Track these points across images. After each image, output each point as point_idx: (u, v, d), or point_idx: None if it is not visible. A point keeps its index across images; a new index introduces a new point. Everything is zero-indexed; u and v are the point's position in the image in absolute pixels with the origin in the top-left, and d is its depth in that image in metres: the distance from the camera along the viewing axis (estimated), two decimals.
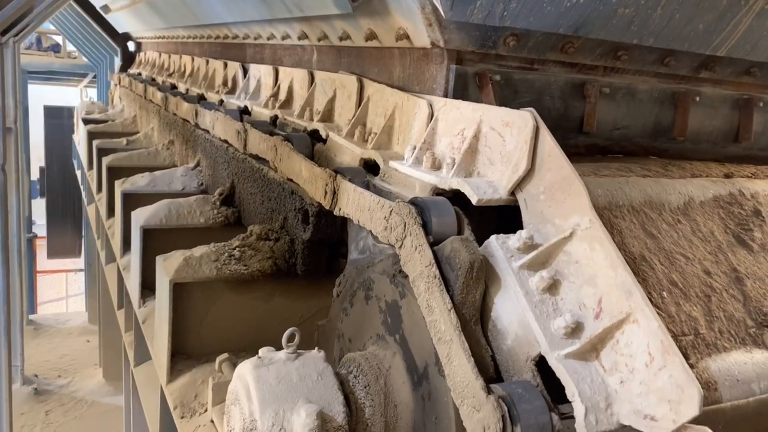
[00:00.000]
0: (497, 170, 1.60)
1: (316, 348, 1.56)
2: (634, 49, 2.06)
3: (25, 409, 9.04)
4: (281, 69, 3.33)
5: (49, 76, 17.56)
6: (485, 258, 1.40)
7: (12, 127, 7.27)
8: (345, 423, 1.43)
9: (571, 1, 1.78)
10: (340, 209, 1.89)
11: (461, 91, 1.93)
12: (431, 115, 1.89)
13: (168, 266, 2.32)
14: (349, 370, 1.60)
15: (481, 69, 1.95)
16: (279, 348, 1.52)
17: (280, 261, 2.34)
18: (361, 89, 2.38)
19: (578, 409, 1.19)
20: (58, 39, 16.93)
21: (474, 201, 1.53)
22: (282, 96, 3.19)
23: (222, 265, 2.32)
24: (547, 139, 1.49)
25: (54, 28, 14.36)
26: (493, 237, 1.43)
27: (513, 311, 1.35)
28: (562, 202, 1.42)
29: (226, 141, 3.18)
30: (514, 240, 1.41)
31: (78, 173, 8.76)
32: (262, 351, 1.53)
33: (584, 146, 2.24)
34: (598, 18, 1.87)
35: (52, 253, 16.24)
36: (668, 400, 1.13)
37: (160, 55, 7.04)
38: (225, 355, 2.18)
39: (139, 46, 8.71)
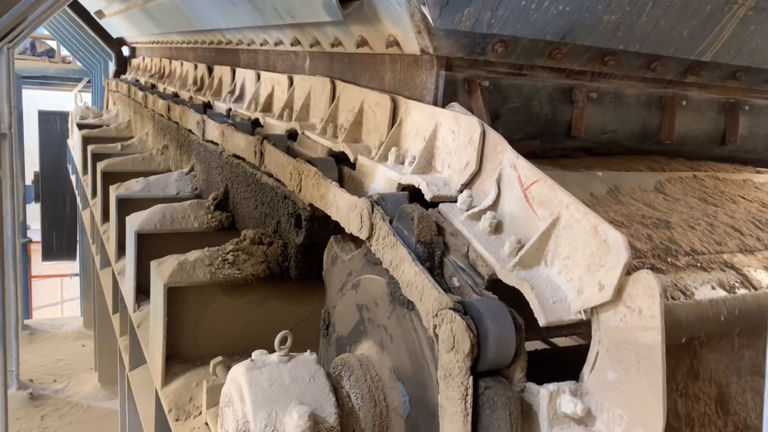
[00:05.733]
0: (371, 138, 2.20)
1: (308, 350, 1.59)
2: (620, 54, 2.09)
3: (20, 414, 9.02)
4: (237, 69, 3.91)
5: (43, 81, 17.52)
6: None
7: (6, 132, 7.27)
8: (337, 424, 1.46)
9: (557, 8, 1.82)
10: (265, 166, 2.47)
11: (451, 96, 1.95)
12: (333, 93, 2.51)
13: (162, 271, 2.35)
14: (341, 371, 1.62)
15: (470, 75, 1.98)
16: (272, 351, 1.55)
17: (273, 265, 2.37)
18: (291, 84, 3.01)
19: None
20: (53, 44, 16.89)
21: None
22: (236, 92, 3.81)
23: (216, 270, 2.34)
24: None
25: (48, 33, 14.34)
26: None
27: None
28: None
29: (190, 131, 3.72)
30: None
31: (73, 178, 8.76)
32: (255, 354, 1.55)
33: (572, 150, 2.28)
34: (584, 24, 1.90)
35: (47, 256, 16.21)
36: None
37: (143, 59, 7.34)
38: (219, 359, 2.20)
39: (133, 51, 8.72)
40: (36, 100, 17.87)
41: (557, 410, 1.19)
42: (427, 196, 1.65)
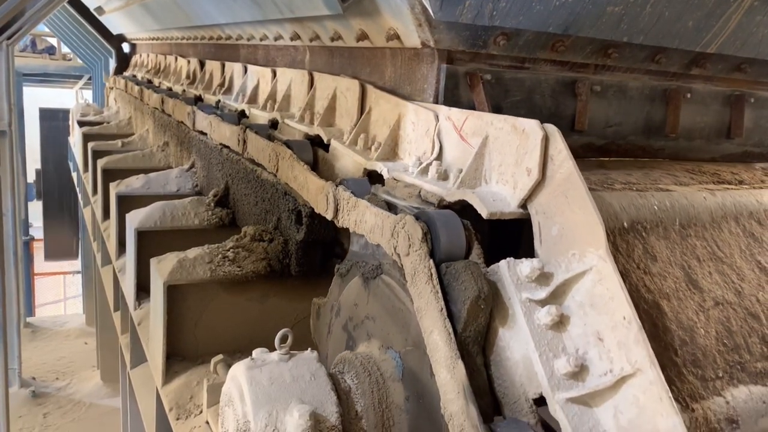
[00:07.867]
0: (343, 122, 2.42)
1: (309, 348, 1.57)
2: (624, 46, 2.07)
3: (23, 412, 9.03)
4: (226, 63, 4.10)
5: (44, 78, 17.49)
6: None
7: (6, 130, 7.25)
8: (338, 423, 1.44)
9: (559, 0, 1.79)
10: (248, 152, 2.66)
11: (452, 90, 1.93)
12: (312, 84, 2.72)
13: (162, 268, 2.32)
14: (342, 369, 1.60)
15: (472, 68, 1.95)
16: (273, 349, 1.53)
17: (273, 262, 2.35)
18: (274, 76, 3.20)
19: None
20: (53, 41, 16.86)
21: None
22: (225, 85, 4.02)
23: (216, 267, 2.32)
24: None
25: (48, 30, 14.31)
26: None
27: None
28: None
29: (182, 122, 3.89)
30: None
31: (74, 175, 8.74)
32: (255, 352, 1.53)
33: (579, 146, 2.24)
34: (587, 16, 1.87)
35: (49, 255, 16.21)
36: None
37: (140, 55, 7.49)
38: (220, 357, 2.18)
39: (133, 47, 8.69)
40: (37, 98, 17.83)
41: (519, 275, 1.29)
42: (387, 180, 1.84)
